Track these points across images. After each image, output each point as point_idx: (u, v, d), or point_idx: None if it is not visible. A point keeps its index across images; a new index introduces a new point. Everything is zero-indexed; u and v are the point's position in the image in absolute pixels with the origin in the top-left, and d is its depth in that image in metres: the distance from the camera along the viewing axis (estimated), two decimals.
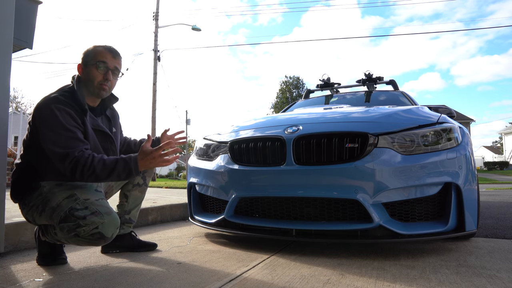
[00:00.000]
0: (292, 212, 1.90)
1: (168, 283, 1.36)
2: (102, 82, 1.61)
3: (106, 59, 1.61)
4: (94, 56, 1.61)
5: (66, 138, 1.45)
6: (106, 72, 1.61)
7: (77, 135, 1.49)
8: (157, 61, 15.61)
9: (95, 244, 1.47)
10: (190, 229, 2.66)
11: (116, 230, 1.48)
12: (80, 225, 1.39)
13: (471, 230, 1.78)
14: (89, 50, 1.63)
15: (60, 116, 1.46)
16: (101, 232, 1.41)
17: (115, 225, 1.47)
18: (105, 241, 1.46)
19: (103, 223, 1.42)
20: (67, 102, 1.51)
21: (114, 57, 1.64)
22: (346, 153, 1.78)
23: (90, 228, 1.40)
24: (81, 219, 1.39)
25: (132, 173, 1.49)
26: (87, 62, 1.61)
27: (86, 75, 1.61)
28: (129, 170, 1.48)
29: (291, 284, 1.34)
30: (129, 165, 1.48)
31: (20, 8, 3.87)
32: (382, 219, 1.72)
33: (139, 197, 1.94)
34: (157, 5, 16.07)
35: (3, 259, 1.70)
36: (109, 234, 1.44)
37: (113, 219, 1.46)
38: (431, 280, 1.38)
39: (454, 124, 1.94)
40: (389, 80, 4.18)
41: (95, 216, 1.41)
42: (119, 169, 1.47)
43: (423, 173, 1.74)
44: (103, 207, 1.46)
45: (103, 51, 1.62)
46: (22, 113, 8.33)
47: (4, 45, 1.78)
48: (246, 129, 2.16)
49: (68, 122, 1.48)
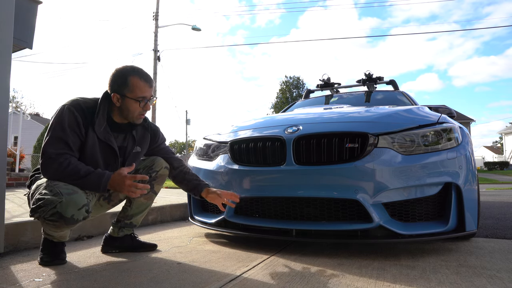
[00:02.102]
0: (292, 212, 1.90)
1: (168, 283, 1.36)
2: (141, 113, 1.65)
3: (145, 94, 1.62)
4: (133, 91, 1.58)
5: (59, 139, 1.50)
6: (145, 104, 1.63)
7: (68, 139, 1.52)
8: (157, 61, 15.61)
9: (59, 226, 1.45)
10: (190, 229, 2.66)
11: (78, 212, 1.43)
12: (40, 206, 1.41)
13: (471, 230, 1.78)
14: (124, 80, 1.59)
15: (66, 115, 1.52)
16: (59, 211, 1.40)
17: (76, 205, 1.43)
18: (66, 222, 1.42)
19: (61, 201, 1.40)
20: (81, 109, 1.55)
21: (150, 87, 1.64)
22: (346, 153, 1.78)
23: (48, 208, 1.40)
24: (41, 201, 1.42)
25: (99, 189, 1.52)
26: (125, 95, 1.58)
27: (124, 106, 1.61)
28: (98, 184, 1.51)
29: (291, 284, 1.34)
30: (100, 179, 1.51)
31: (20, 8, 3.87)
32: (382, 219, 1.72)
33: (143, 204, 1.87)
34: (157, 5, 16.07)
35: (3, 259, 1.70)
36: (68, 214, 1.41)
37: (74, 199, 1.43)
38: (431, 280, 1.38)
39: (454, 124, 1.94)
40: (389, 80, 4.18)
41: (54, 196, 1.42)
42: (90, 181, 1.50)
43: (423, 173, 1.74)
44: (67, 189, 1.45)
45: (141, 85, 1.60)
46: (22, 113, 8.31)
47: (4, 45, 1.78)
48: (246, 129, 2.16)
49: (70, 122, 1.51)
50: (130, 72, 1.60)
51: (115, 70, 1.62)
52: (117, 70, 1.62)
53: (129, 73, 1.60)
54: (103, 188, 1.52)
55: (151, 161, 1.85)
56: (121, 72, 1.61)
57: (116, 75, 1.60)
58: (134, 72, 1.61)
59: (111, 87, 1.60)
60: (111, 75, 1.61)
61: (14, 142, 13.40)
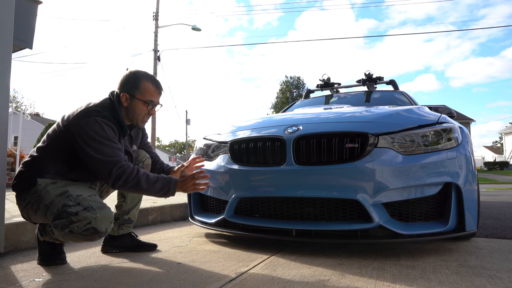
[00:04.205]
0: (292, 212, 1.90)
1: (168, 283, 1.36)
2: (146, 116, 1.69)
3: (154, 98, 1.67)
4: (143, 93, 1.64)
5: (113, 148, 1.53)
6: (151, 109, 1.68)
7: (120, 147, 1.57)
8: (157, 61, 15.61)
9: (91, 239, 1.46)
10: (190, 229, 2.66)
11: (110, 225, 1.48)
12: (73, 221, 1.40)
13: (471, 230, 1.78)
14: (136, 82, 1.64)
15: (106, 129, 1.54)
16: (94, 227, 1.41)
17: (109, 219, 1.47)
18: (100, 236, 1.46)
19: (96, 217, 1.42)
20: (110, 119, 1.58)
21: (160, 93, 1.70)
22: (346, 153, 1.78)
23: (83, 223, 1.40)
24: (73, 215, 1.40)
25: (169, 193, 1.58)
26: (134, 96, 1.64)
27: (131, 107, 1.65)
28: (168, 189, 1.58)
29: (291, 284, 1.34)
30: (169, 184, 1.57)
31: (20, 8, 3.87)
32: (382, 219, 1.72)
33: (136, 197, 1.93)
34: (157, 5, 16.07)
35: (3, 259, 1.70)
36: (103, 229, 1.44)
37: (106, 213, 1.46)
38: (431, 280, 1.38)
39: (454, 124, 1.94)
40: (389, 80, 4.18)
41: (88, 212, 1.41)
42: (159, 186, 1.56)
43: (423, 173, 1.74)
44: (96, 202, 1.47)
45: (152, 89, 1.66)
46: (22, 113, 8.32)
47: (4, 45, 1.78)
48: (246, 129, 2.16)
49: (111, 135, 1.55)
50: (144, 76, 1.67)
51: (129, 72, 1.68)
52: (131, 72, 1.68)
53: (142, 76, 1.67)
54: (173, 192, 1.59)
55: (136, 153, 1.92)
56: (135, 75, 1.66)
57: (129, 76, 1.66)
58: (147, 77, 1.68)
59: (122, 86, 1.65)
60: (124, 76, 1.67)
61: (14, 142, 13.40)
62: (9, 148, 6.69)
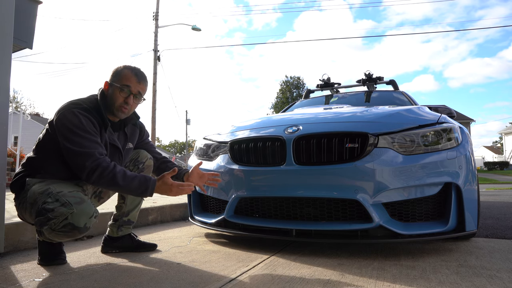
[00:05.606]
0: (292, 212, 1.90)
1: (168, 283, 1.36)
2: (122, 104, 1.64)
3: (130, 83, 1.64)
4: (120, 78, 1.64)
5: (90, 141, 1.50)
6: (127, 96, 1.64)
7: (98, 140, 1.54)
8: (157, 61, 15.61)
9: (71, 235, 1.44)
10: (190, 229, 2.66)
11: (90, 220, 1.44)
12: (50, 218, 1.39)
13: (471, 230, 1.78)
14: (118, 70, 1.66)
15: (83, 120, 1.52)
16: (71, 222, 1.40)
17: (87, 214, 1.44)
18: (80, 231, 1.43)
19: (72, 213, 1.40)
20: (90, 111, 1.57)
21: (139, 82, 1.67)
22: (346, 153, 1.78)
23: (59, 220, 1.39)
24: (50, 212, 1.39)
25: (147, 193, 1.54)
26: (113, 83, 1.64)
27: (109, 94, 1.64)
28: (145, 188, 1.53)
29: (291, 284, 1.34)
30: (146, 183, 1.53)
31: (20, 8, 3.87)
32: (382, 219, 1.72)
33: (136, 198, 1.90)
34: (157, 5, 16.07)
35: (3, 259, 1.70)
36: (81, 224, 1.42)
37: (84, 208, 1.43)
38: (431, 280, 1.38)
39: (454, 124, 1.94)
40: (389, 80, 4.18)
41: (64, 207, 1.40)
42: (136, 184, 1.51)
43: (423, 173, 1.74)
44: (75, 197, 1.45)
45: (129, 75, 1.65)
46: (22, 113, 8.32)
47: (4, 45, 1.78)
48: (246, 129, 2.16)
49: (89, 127, 1.53)
50: (127, 67, 1.68)
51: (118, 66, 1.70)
52: (120, 65, 1.70)
53: (126, 67, 1.68)
54: (151, 191, 1.54)
55: (136, 154, 1.90)
56: (120, 67, 1.69)
57: (116, 68, 1.69)
58: (130, 67, 1.69)
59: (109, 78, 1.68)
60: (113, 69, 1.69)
61: (14, 142, 13.39)
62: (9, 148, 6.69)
